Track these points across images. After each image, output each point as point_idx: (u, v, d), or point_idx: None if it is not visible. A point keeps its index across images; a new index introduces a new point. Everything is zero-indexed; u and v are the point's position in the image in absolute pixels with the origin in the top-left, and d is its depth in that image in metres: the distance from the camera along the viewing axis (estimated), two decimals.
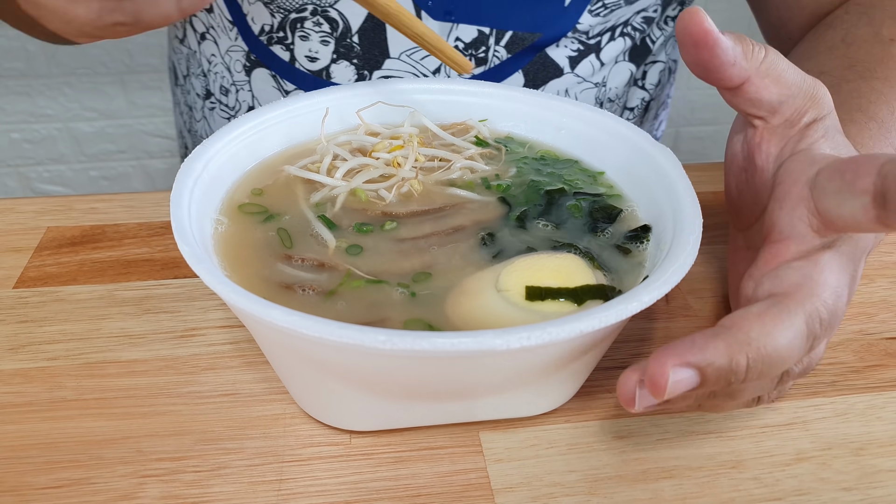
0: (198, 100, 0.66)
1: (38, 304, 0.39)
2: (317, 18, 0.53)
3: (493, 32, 0.53)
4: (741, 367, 0.25)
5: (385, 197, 0.36)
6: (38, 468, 0.30)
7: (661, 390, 0.24)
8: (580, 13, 0.53)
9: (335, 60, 0.55)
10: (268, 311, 0.25)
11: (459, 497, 0.30)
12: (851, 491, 0.31)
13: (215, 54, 0.61)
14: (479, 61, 0.55)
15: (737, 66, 0.30)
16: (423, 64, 0.54)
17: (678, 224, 0.31)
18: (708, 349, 0.24)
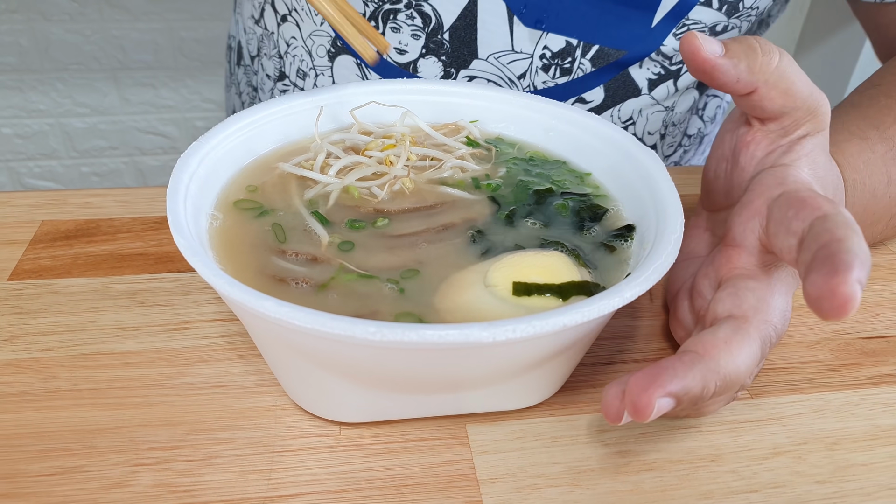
0: (268, 81, 0.66)
1: (32, 297, 0.40)
2: (410, 12, 0.53)
3: (580, 45, 0.54)
4: (710, 392, 0.28)
5: (377, 194, 0.37)
6: (31, 456, 0.31)
7: (645, 417, 0.26)
8: (665, 35, 0.54)
9: (423, 55, 0.55)
10: (261, 302, 0.26)
11: (446, 487, 0.31)
12: (825, 484, 0.32)
13: (296, 37, 0.60)
14: (563, 72, 0.55)
15: (741, 81, 0.31)
16: (510, 68, 0.55)
17: (661, 223, 0.32)
18: (686, 378, 0.27)
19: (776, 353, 0.39)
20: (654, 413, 0.26)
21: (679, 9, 0.52)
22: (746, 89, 0.32)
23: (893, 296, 0.44)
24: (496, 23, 0.53)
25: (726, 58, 0.31)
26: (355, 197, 0.37)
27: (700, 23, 0.54)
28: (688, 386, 0.27)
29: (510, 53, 0.54)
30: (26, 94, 1.37)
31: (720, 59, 0.31)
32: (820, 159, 0.32)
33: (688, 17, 0.53)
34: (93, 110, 1.41)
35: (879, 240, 0.47)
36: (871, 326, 0.42)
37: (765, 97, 0.32)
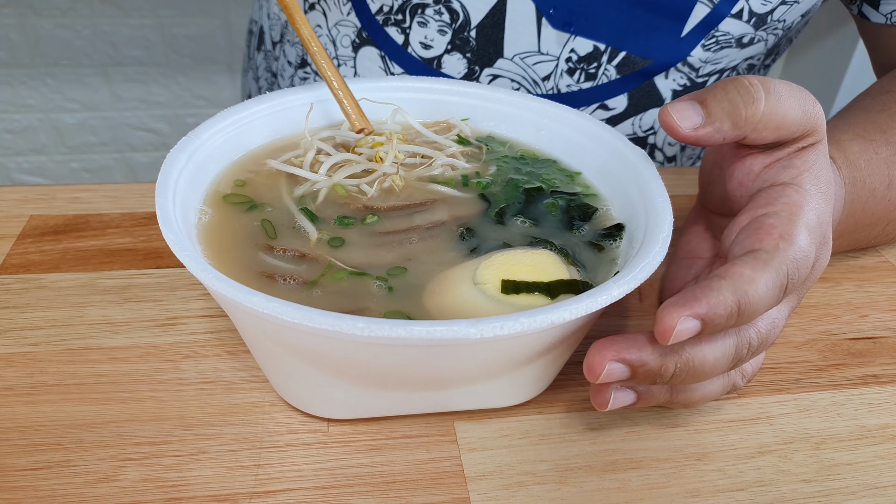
0: (289, 67, 0.66)
1: (20, 291, 0.39)
2: (439, 7, 0.53)
3: (607, 50, 0.54)
4: (668, 374, 0.28)
5: (367, 191, 0.37)
6: (18, 450, 0.31)
7: (595, 376, 0.27)
8: (693, 46, 0.54)
9: (449, 51, 0.55)
10: (249, 297, 0.26)
11: (434, 484, 0.31)
12: (810, 483, 0.33)
13: (321, 26, 0.60)
14: (588, 77, 0.55)
15: (727, 138, 0.31)
16: (535, 69, 0.55)
17: (650, 222, 0.32)
18: (644, 351, 0.27)
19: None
20: (605, 375, 0.27)
21: (710, 20, 0.52)
22: (735, 139, 0.32)
23: (881, 298, 0.45)
24: (524, 23, 0.53)
25: (707, 125, 0.30)
26: (343, 195, 0.37)
27: (728, 34, 0.53)
28: (644, 359, 0.27)
29: (536, 55, 0.54)
30: (16, 88, 1.36)
31: (700, 130, 0.30)
32: (822, 173, 0.32)
33: (717, 28, 0.53)
34: (83, 106, 1.40)
35: (874, 244, 0.47)
36: (858, 328, 0.42)
37: (756, 139, 0.31)
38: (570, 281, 0.30)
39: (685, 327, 0.26)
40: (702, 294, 0.26)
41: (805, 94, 0.32)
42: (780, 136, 0.31)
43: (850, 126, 0.43)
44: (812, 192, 0.31)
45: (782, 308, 0.31)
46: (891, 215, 0.44)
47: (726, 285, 0.26)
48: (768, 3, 0.52)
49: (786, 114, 0.31)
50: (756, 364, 0.33)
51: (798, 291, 0.32)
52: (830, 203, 0.32)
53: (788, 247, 0.28)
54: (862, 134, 0.43)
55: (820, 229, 0.30)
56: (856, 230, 0.44)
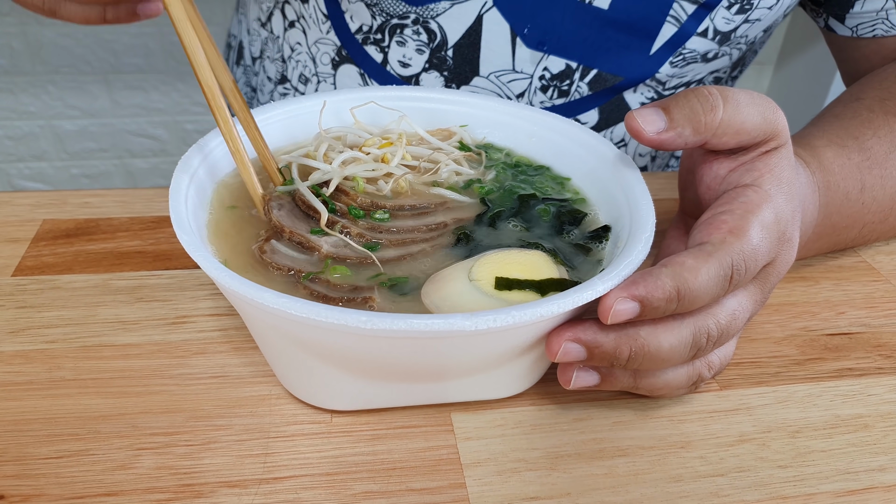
0: (268, 83, 0.67)
1: (36, 291, 0.41)
2: (417, 27, 0.55)
3: (579, 68, 0.56)
4: (623, 356, 0.30)
5: (382, 188, 0.39)
6: (39, 440, 0.33)
7: (553, 355, 0.30)
8: (662, 63, 0.56)
9: (427, 69, 0.57)
10: (260, 294, 0.28)
11: (432, 471, 0.33)
12: (786, 468, 0.35)
13: (301, 43, 0.62)
14: (561, 93, 0.58)
15: (689, 143, 0.33)
16: (510, 87, 0.57)
17: (634, 223, 0.34)
18: (599, 333, 0.30)
19: (745, 348, 0.42)
20: (561, 354, 0.30)
21: (677, 38, 0.54)
22: (696, 145, 0.34)
23: (857, 296, 0.47)
24: (499, 42, 0.55)
25: (670, 130, 0.33)
26: (359, 189, 0.38)
27: (694, 51, 0.56)
28: (599, 341, 0.30)
29: (511, 73, 0.56)
30: (18, 96, 1.38)
31: (664, 134, 0.33)
32: (784, 174, 0.34)
33: (684, 45, 0.55)
34: (84, 113, 1.42)
35: (852, 246, 0.49)
36: (835, 324, 0.44)
37: (717, 144, 0.34)
38: (560, 279, 0.32)
39: (623, 308, 0.28)
40: (641, 279, 0.29)
41: (766, 100, 0.34)
42: (740, 140, 0.34)
43: (824, 133, 0.45)
44: (772, 192, 0.33)
45: (744, 301, 0.33)
46: (865, 218, 0.46)
47: (666, 272, 0.29)
48: (731, 21, 0.54)
49: (744, 120, 0.33)
50: (724, 355, 0.35)
51: (761, 286, 0.34)
52: (793, 203, 0.34)
53: (735, 240, 0.31)
54: (835, 140, 0.45)
55: (777, 226, 0.32)
56: (833, 233, 0.46)
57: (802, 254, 0.45)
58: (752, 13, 0.54)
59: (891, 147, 0.46)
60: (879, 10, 0.55)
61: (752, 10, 0.54)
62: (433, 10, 0.54)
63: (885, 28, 0.56)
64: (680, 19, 0.53)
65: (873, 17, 0.56)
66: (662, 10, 0.53)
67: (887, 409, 0.38)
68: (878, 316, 0.45)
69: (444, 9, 0.54)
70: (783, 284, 0.47)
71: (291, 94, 0.65)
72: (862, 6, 0.56)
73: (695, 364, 0.34)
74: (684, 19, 0.53)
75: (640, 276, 0.29)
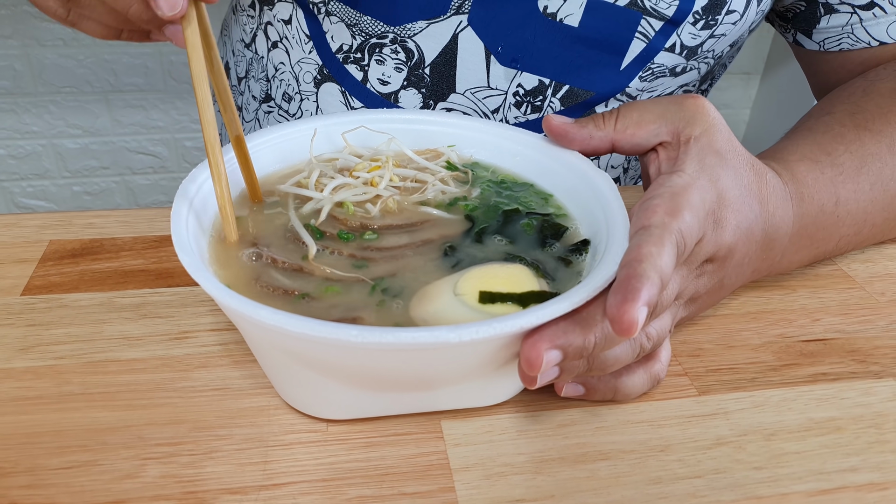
0: (253, 101, 0.70)
1: (44, 310, 0.43)
2: (395, 47, 0.58)
3: (551, 84, 0.58)
4: (590, 345, 0.32)
5: (370, 211, 0.41)
6: (50, 452, 0.34)
7: (536, 368, 0.31)
8: (632, 78, 0.58)
9: (405, 87, 0.59)
10: (258, 311, 0.29)
11: (423, 475, 0.35)
12: (761, 470, 0.36)
13: (284, 63, 0.64)
14: (534, 108, 0.60)
15: (594, 138, 0.40)
16: (485, 103, 0.59)
17: (611, 238, 0.36)
18: (569, 335, 0.31)
19: (723, 355, 0.44)
20: (545, 363, 0.31)
21: (645, 54, 0.57)
22: (604, 141, 0.41)
23: (832, 303, 0.49)
24: (474, 60, 0.57)
25: (575, 125, 0.41)
26: (349, 213, 0.40)
27: (663, 65, 0.58)
28: (570, 340, 0.31)
29: (486, 89, 0.59)
30: (20, 116, 1.40)
31: (570, 125, 0.42)
32: (707, 159, 0.38)
33: (653, 60, 0.57)
34: (85, 131, 1.45)
35: (829, 257, 0.51)
36: (811, 330, 0.46)
37: (626, 137, 0.40)
38: (540, 292, 0.34)
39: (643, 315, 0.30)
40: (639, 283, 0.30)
41: (670, 102, 0.40)
42: (648, 130, 0.40)
43: (797, 147, 0.47)
44: (694, 174, 0.37)
45: (673, 277, 0.36)
46: (841, 231, 0.48)
47: (647, 266, 0.31)
48: (698, 36, 0.56)
49: (640, 116, 0.40)
50: (660, 327, 0.36)
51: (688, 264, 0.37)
52: (718, 186, 0.38)
53: (672, 220, 0.34)
54: (808, 155, 0.47)
55: (703, 205, 0.36)
56: (812, 245, 0.47)
57: (784, 266, 0.47)
58: (717, 28, 0.56)
59: (861, 162, 0.47)
60: (844, 25, 0.58)
61: (716, 26, 0.56)
62: (410, 29, 0.57)
63: (851, 42, 0.58)
64: (648, 35, 0.55)
65: (839, 31, 0.58)
66: (630, 26, 0.55)
67: (859, 413, 0.40)
68: (852, 322, 0.47)
69: (420, 28, 0.56)
70: (761, 293, 0.49)
71: (276, 111, 0.67)
72: (827, 22, 0.58)
73: (636, 337, 0.35)
74: (652, 35, 0.55)
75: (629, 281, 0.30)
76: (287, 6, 0.61)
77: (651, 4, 0.54)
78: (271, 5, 0.62)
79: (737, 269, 0.41)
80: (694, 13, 0.54)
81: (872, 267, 0.52)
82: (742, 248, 0.39)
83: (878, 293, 0.50)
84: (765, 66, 1.58)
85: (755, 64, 1.59)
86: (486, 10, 0.55)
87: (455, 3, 0.55)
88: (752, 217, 0.39)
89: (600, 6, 0.54)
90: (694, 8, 0.54)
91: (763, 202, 0.41)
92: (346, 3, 0.57)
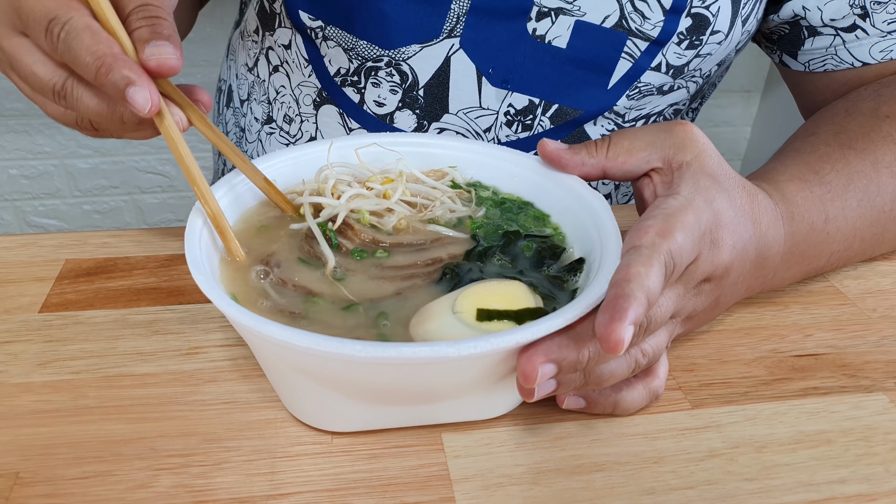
0: (255, 123, 0.72)
1: (60, 327, 0.45)
2: (390, 69, 0.60)
3: (541, 104, 0.60)
4: (584, 358, 0.33)
5: (385, 226, 0.43)
6: (67, 463, 0.36)
7: (532, 381, 0.32)
8: (619, 96, 0.60)
9: (400, 108, 0.62)
10: (266, 326, 0.31)
11: (424, 486, 0.36)
12: (752, 481, 0.37)
13: (285, 86, 0.67)
14: (525, 127, 0.62)
15: (587, 164, 0.42)
16: (477, 122, 0.61)
17: (604, 257, 0.37)
18: (563, 349, 0.33)
19: (716, 370, 0.45)
20: (540, 376, 0.32)
21: (632, 73, 0.59)
22: (596, 168, 0.43)
23: (824, 319, 0.50)
24: (466, 82, 0.59)
25: (568, 151, 0.43)
26: (364, 221, 0.42)
27: (650, 84, 0.60)
28: (564, 355, 0.33)
29: (478, 109, 0.61)
30: (33, 136, 1.43)
31: (563, 150, 0.44)
32: (701, 182, 0.39)
33: (640, 79, 0.59)
34: (95, 151, 1.47)
35: (821, 273, 0.52)
36: (803, 346, 0.47)
37: (617, 165, 0.42)
38: (535, 309, 0.36)
39: (629, 334, 0.31)
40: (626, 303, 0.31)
41: (660, 129, 0.42)
42: (639, 158, 0.41)
43: (786, 168, 0.49)
44: (689, 196, 0.38)
45: (668, 294, 0.37)
46: (831, 248, 0.50)
47: (635, 286, 0.32)
48: (683, 56, 0.58)
49: (630, 144, 0.42)
50: (656, 344, 0.38)
51: (684, 283, 0.38)
52: (714, 207, 0.39)
53: (662, 241, 0.35)
54: (797, 175, 0.48)
55: (698, 226, 0.37)
56: (803, 262, 0.49)
57: (777, 283, 0.48)
58: (702, 48, 0.58)
59: (848, 180, 0.49)
60: (828, 47, 0.60)
61: (701, 46, 0.58)
62: (404, 52, 0.59)
63: (835, 63, 0.60)
64: (634, 55, 0.57)
65: (823, 53, 0.60)
66: (617, 47, 0.57)
67: (849, 426, 0.41)
68: (843, 338, 0.48)
69: (414, 52, 0.58)
70: (754, 309, 0.50)
71: (277, 132, 0.69)
72: (812, 44, 0.60)
73: (631, 353, 0.37)
74: (638, 55, 0.57)
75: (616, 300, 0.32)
76: (287, 32, 0.63)
77: (636, 26, 0.56)
78: (272, 31, 0.65)
79: (732, 288, 0.42)
80: (678, 34, 0.56)
81: (864, 283, 0.54)
82: (738, 267, 0.41)
83: (870, 309, 0.51)
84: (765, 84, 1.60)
85: (755, 82, 1.61)
86: (477, 34, 0.57)
87: (447, 26, 0.57)
88: (746, 237, 0.41)
89: (587, 28, 0.56)
90: (678, 29, 0.56)
91: (756, 222, 0.42)
92: (342, 28, 0.59)
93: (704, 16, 0.56)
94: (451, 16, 0.56)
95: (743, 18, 0.58)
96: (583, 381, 0.36)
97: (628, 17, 0.55)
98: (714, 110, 1.60)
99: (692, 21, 0.56)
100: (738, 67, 1.53)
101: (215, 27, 1.37)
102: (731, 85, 1.58)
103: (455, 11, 0.56)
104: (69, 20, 0.36)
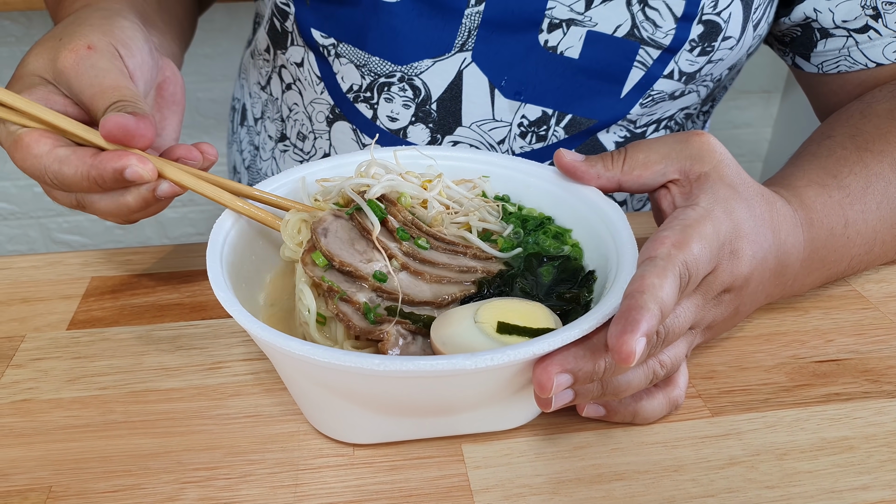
0: (269, 141, 0.73)
1: (88, 343, 0.46)
2: (403, 85, 0.60)
3: (555, 114, 0.60)
4: (601, 370, 0.33)
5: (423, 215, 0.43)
6: (97, 477, 0.37)
7: (547, 391, 0.32)
8: (632, 105, 0.60)
9: (413, 122, 0.62)
10: (287, 342, 0.32)
11: (445, 497, 0.36)
12: (774, 489, 0.37)
13: (298, 104, 0.67)
14: (539, 138, 0.62)
15: (602, 177, 0.43)
16: (490, 135, 0.62)
17: (620, 267, 0.37)
18: (579, 360, 0.33)
19: (736, 377, 0.45)
20: (555, 387, 0.32)
21: (644, 81, 0.59)
22: (611, 181, 0.43)
23: (846, 324, 0.49)
24: (479, 94, 0.60)
25: (585, 163, 0.44)
26: (406, 204, 0.43)
27: (662, 91, 0.60)
28: (580, 365, 0.33)
29: (491, 122, 0.61)
30: None
31: (580, 163, 0.44)
32: (720, 192, 0.39)
33: (652, 87, 0.59)
34: None
35: (842, 277, 0.52)
36: (824, 351, 0.47)
37: (633, 178, 0.42)
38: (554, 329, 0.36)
39: (642, 346, 0.31)
40: (638, 315, 0.31)
41: (676, 140, 0.42)
42: (655, 171, 0.41)
43: (804, 173, 0.49)
44: (708, 207, 0.38)
45: (686, 304, 0.37)
46: (852, 252, 0.49)
47: (648, 297, 0.32)
48: (695, 63, 0.58)
49: (647, 157, 0.42)
50: (674, 355, 0.38)
51: (703, 293, 0.38)
52: (734, 217, 0.39)
53: (678, 252, 0.35)
54: (815, 180, 0.48)
55: (717, 237, 0.37)
56: (823, 267, 0.48)
57: (797, 289, 0.48)
58: (714, 54, 0.58)
59: (866, 182, 0.49)
60: (841, 49, 0.59)
61: (713, 52, 0.58)
62: (416, 67, 0.59)
63: (849, 64, 0.60)
64: (646, 64, 0.57)
65: (836, 54, 0.60)
66: (629, 56, 0.57)
67: (872, 432, 0.41)
68: (866, 342, 0.48)
69: (426, 66, 0.59)
70: (774, 315, 0.50)
71: (290, 150, 0.70)
72: (824, 46, 0.60)
73: (649, 363, 0.37)
74: (650, 63, 0.57)
75: (629, 312, 0.32)
76: (299, 50, 0.64)
77: (648, 35, 0.56)
78: (284, 49, 0.66)
79: (751, 297, 0.42)
80: (690, 41, 0.56)
81: (887, 287, 0.53)
82: (757, 276, 0.41)
83: (893, 313, 0.50)
84: (785, 85, 1.59)
85: (775, 82, 1.59)
86: (488, 47, 0.57)
87: (459, 40, 0.57)
88: (766, 246, 0.41)
89: (599, 38, 0.56)
90: (690, 36, 0.56)
91: (775, 231, 0.42)
92: (354, 45, 0.60)
93: (716, 22, 0.56)
94: (463, 30, 0.57)
95: (754, 23, 0.58)
96: (600, 391, 0.36)
97: (640, 25, 0.55)
98: (734, 112, 1.59)
99: (704, 28, 0.56)
100: (758, 68, 1.52)
101: (231, 42, 1.39)
102: (750, 86, 1.57)
103: (466, 26, 0.57)
104: (47, 168, 0.42)
